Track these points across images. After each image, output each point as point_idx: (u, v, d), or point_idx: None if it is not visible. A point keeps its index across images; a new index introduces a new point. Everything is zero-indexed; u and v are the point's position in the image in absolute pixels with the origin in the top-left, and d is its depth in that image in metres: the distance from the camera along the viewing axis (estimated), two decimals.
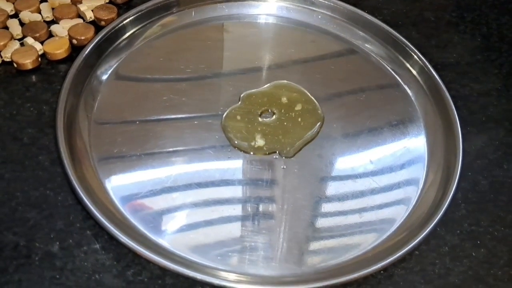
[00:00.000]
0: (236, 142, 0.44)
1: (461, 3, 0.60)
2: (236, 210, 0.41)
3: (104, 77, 0.48)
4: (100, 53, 0.48)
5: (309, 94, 0.48)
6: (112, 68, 0.48)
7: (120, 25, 0.50)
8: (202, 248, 0.39)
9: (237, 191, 0.42)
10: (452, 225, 0.42)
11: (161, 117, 0.46)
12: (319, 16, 0.55)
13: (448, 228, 0.42)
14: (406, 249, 0.38)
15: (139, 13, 0.51)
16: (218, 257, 0.38)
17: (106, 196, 0.40)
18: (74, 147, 0.42)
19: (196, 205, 0.41)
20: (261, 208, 0.41)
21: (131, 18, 0.50)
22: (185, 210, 0.40)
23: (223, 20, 0.54)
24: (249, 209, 0.41)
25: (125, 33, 0.50)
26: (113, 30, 0.49)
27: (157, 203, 0.40)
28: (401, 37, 0.52)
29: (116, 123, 0.45)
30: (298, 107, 0.47)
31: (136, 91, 0.47)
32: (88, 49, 0.47)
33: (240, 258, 0.39)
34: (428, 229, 0.39)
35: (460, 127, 0.46)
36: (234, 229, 0.40)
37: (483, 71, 0.54)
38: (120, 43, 0.50)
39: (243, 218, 0.41)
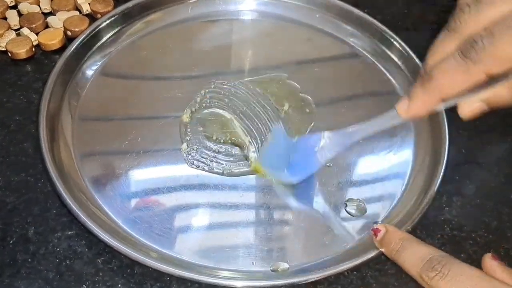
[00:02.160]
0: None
1: None
2: (208, 200, 0.41)
3: (93, 69, 0.48)
4: (91, 45, 0.49)
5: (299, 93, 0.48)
6: (102, 61, 0.49)
7: (112, 19, 0.50)
8: (172, 240, 0.39)
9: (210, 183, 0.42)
10: (434, 228, 0.41)
11: (146, 113, 0.46)
12: (317, 15, 0.54)
13: (428, 232, 0.41)
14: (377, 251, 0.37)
15: (126, 10, 0.51)
16: (189, 250, 0.38)
17: (82, 184, 0.40)
18: (55, 136, 0.42)
19: (167, 191, 0.41)
20: (227, 199, 0.41)
21: (120, 14, 0.50)
22: (157, 198, 0.40)
23: (214, 17, 0.53)
24: (219, 200, 0.41)
25: (116, 28, 0.50)
26: (105, 23, 0.50)
27: (134, 193, 0.41)
28: (395, 36, 0.51)
29: (100, 116, 0.45)
30: (286, 106, 0.47)
31: (124, 86, 0.48)
32: (78, 41, 0.47)
33: (210, 250, 0.39)
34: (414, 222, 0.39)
35: (452, 130, 0.45)
36: (205, 221, 0.40)
37: None
38: (111, 36, 0.50)
39: (214, 210, 0.40)
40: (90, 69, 0.48)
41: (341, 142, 0.39)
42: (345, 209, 0.41)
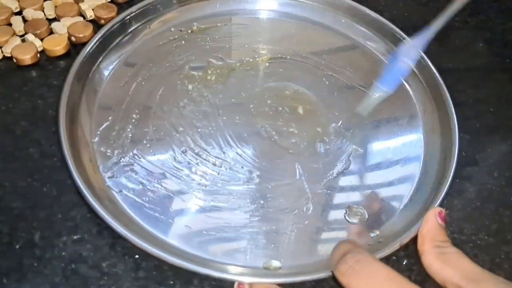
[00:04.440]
0: None
1: (465, 7, 0.59)
2: (224, 201, 0.42)
3: (106, 73, 0.49)
4: (102, 50, 0.49)
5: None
6: (114, 64, 0.49)
7: (121, 22, 0.51)
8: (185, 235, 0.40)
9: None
10: None
11: (164, 115, 0.46)
12: (343, 20, 0.55)
13: None
14: (381, 254, 0.38)
15: (139, 11, 0.52)
16: (198, 245, 0.39)
17: (105, 189, 0.41)
18: (75, 142, 0.43)
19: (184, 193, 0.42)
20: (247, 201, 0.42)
21: (131, 15, 0.51)
22: (179, 201, 0.41)
23: (228, 15, 0.54)
24: (237, 202, 0.42)
25: (126, 30, 0.51)
26: (114, 27, 0.50)
27: (152, 196, 0.41)
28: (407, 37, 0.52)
29: (117, 118, 0.46)
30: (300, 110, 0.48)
31: (138, 87, 0.48)
32: (90, 46, 0.48)
33: (219, 248, 0.39)
34: (411, 235, 0.39)
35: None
36: (220, 219, 0.41)
37: (482, 77, 0.53)
38: (121, 40, 0.51)
39: (231, 209, 0.41)
40: (106, 69, 0.49)
41: (419, 43, 0.46)
42: (345, 216, 0.41)
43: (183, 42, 0.52)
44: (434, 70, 0.49)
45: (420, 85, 0.50)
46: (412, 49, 0.46)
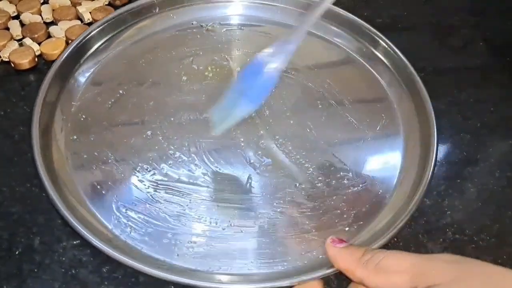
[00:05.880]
0: None
1: (465, 7, 0.59)
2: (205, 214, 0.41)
3: (82, 80, 0.48)
4: (79, 57, 0.48)
5: None
6: (91, 71, 0.49)
7: (99, 28, 0.50)
8: (163, 245, 0.39)
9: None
10: (436, 233, 0.41)
11: (141, 120, 0.46)
12: (344, 35, 0.54)
13: (430, 236, 0.41)
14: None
15: (118, 17, 0.51)
16: (188, 256, 0.39)
17: (78, 195, 0.41)
18: (49, 147, 0.43)
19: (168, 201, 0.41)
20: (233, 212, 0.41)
21: (110, 21, 0.50)
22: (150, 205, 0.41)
23: (203, 22, 0.53)
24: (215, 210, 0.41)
25: (104, 37, 0.50)
26: (95, 31, 0.49)
27: (129, 201, 0.41)
28: (384, 37, 0.51)
29: (93, 126, 0.45)
30: None
31: (115, 94, 0.47)
32: (68, 51, 0.47)
33: (214, 260, 0.39)
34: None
35: (454, 133, 0.45)
36: (212, 231, 0.40)
37: (482, 77, 0.52)
38: (102, 44, 0.50)
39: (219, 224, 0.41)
40: (83, 77, 0.48)
41: (285, 48, 0.39)
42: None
43: (198, 36, 0.52)
44: (412, 69, 0.48)
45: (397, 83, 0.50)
46: (276, 53, 0.39)
